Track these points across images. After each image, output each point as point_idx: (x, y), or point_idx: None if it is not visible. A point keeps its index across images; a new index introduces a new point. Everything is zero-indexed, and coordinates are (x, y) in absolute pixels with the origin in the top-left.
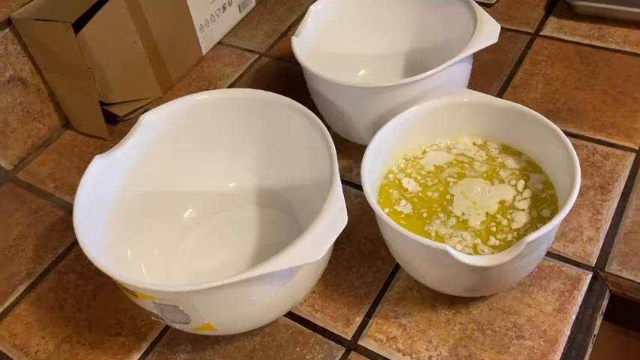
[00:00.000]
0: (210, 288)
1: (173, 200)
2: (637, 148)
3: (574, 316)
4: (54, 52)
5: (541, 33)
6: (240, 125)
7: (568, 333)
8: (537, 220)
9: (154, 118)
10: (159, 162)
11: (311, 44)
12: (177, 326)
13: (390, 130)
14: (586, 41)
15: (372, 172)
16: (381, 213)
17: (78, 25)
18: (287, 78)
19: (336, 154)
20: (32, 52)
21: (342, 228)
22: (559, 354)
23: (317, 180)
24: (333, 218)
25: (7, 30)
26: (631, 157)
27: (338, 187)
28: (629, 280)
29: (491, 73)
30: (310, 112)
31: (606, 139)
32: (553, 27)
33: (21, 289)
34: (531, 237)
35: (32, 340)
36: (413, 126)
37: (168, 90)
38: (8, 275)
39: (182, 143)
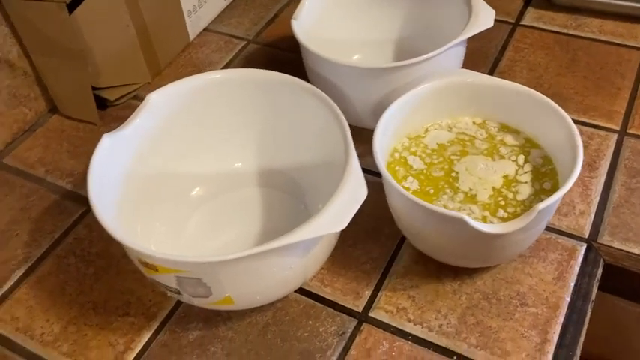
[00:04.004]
0: (240, 258)
1: (180, 179)
2: (618, 128)
3: (572, 284)
4: (45, 33)
5: (521, 23)
6: (248, 105)
7: (568, 299)
8: (540, 192)
9: (160, 96)
10: (166, 141)
11: (307, 29)
12: (195, 301)
13: (397, 109)
14: (564, 31)
15: (379, 149)
16: (394, 183)
17: (70, 7)
18: (276, 64)
19: (349, 130)
20: (21, 33)
21: (364, 198)
22: (561, 318)
23: (326, 159)
24: (354, 190)
25: None
26: (613, 138)
27: (355, 160)
28: (620, 249)
29: (478, 60)
30: (322, 92)
31: (590, 121)
32: (532, 17)
33: (19, 273)
34: (542, 205)
35: (36, 322)
36: (417, 106)
37: (157, 75)
38: (4, 259)
39: (189, 122)
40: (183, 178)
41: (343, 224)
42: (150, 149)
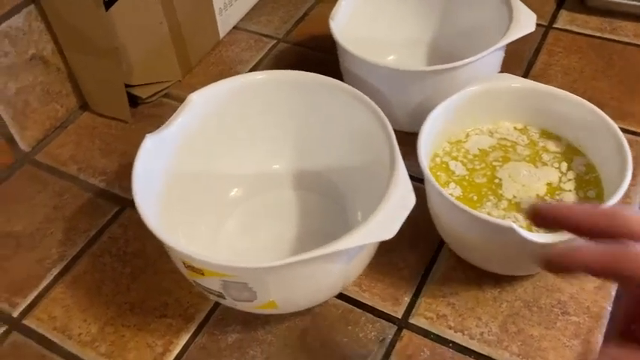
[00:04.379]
0: (290, 264)
1: (219, 179)
2: None
3: (614, 293)
4: (80, 30)
5: (554, 25)
6: (287, 107)
7: (610, 309)
8: (584, 201)
9: (201, 97)
10: (206, 141)
11: (341, 29)
12: (239, 305)
13: (441, 112)
14: (598, 34)
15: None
16: (440, 188)
17: (106, 5)
18: (307, 64)
19: (394, 135)
20: (56, 29)
21: (412, 205)
22: (603, 329)
23: (367, 162)
24: (402, 196)
25: (32, 6)
26: None
27: (402, 166)
28: None
29: (512, 64)
30: (363, 94)
31: (627, 127)
32: (565, 20)
33: (55, 272)
34: None
35: (73, 322)
36: (458, 110)
37: (188, 73)
38: (39, 258)
39: (229, 123)
40: (223, 179)
41: (392, 232)
42: (190, 150)
